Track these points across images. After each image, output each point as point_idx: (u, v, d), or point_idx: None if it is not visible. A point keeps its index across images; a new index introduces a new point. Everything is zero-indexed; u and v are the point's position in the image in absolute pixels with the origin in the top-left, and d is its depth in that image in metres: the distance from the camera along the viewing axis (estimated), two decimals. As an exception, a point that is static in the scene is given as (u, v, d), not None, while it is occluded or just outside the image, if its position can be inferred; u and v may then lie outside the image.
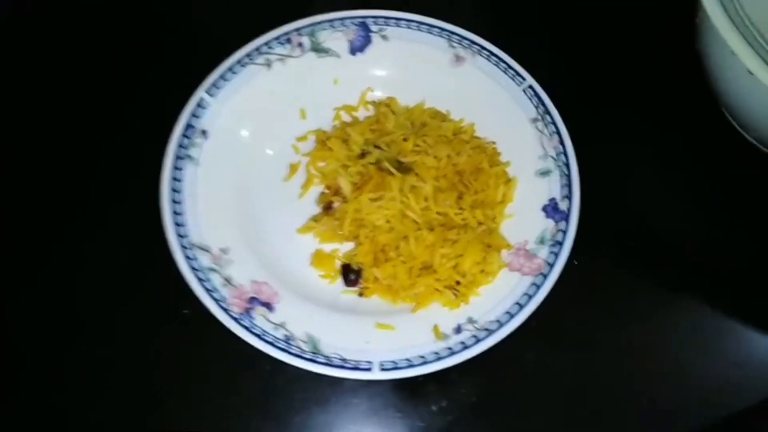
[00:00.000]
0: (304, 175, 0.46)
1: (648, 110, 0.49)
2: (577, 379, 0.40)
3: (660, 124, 0.49)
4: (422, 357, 0.36)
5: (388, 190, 0.42)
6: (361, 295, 0.41)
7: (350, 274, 0.42)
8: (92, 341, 0.39)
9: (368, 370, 0.35)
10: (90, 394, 0.38)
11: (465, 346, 0.36)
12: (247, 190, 0.43)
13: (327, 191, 0.45)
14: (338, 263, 0.42)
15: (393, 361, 0.36)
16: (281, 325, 0.37)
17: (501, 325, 0.37)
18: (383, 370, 0.36)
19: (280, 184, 0.45)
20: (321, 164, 0.45)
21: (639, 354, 0.41)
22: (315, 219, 0.44)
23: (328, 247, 0.43)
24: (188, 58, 0.47)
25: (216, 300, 0.37)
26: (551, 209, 0.41)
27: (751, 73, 0.37)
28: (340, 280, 0.42)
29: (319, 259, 0.42)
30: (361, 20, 0.47)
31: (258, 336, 0.36)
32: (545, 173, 0.43)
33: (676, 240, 0.45)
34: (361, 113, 0.48)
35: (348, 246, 0.43)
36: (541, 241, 0.40)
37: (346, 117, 0.48)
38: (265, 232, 0.42)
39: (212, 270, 0.39)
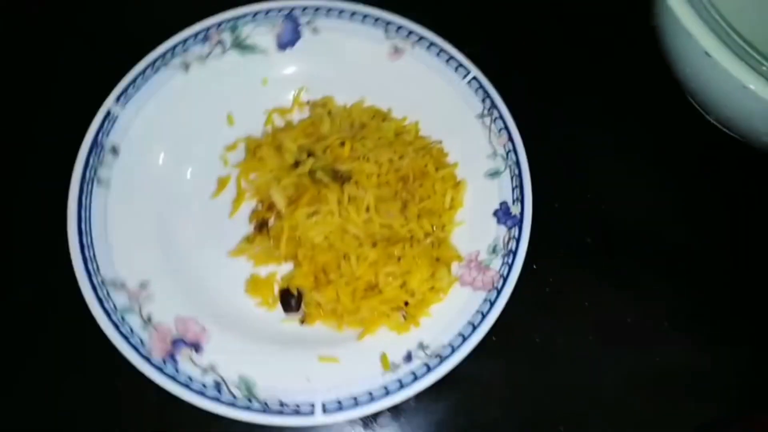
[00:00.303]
0: (234, 189, 0.41)
1: (604, 96, 0.46)
2: (540, 395, 0.38)
3: (617, 111, 0.46)
4: (369, 393, 0.33)
5: (325, 203, 0.38)
6: (302, 322, 0.37)
7: (290, 300, 0.38)
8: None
9: (310, 414, 0.32)
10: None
11: (415, 378, 0.33)
12: (167, 211, 0.39)
13: (260, 207, 0.41)
14: (276, 288, 0.38)
15: (337, 401, 0.32)
16: (210, 369, 0.33)
17: (453, 349, 0.34)
18: (326, 412, 0.32)
19: (207, 202, 0.40)
20: (252, 176, 0.41)
21: (606, 362, 0.39)
22: (248, 239, 0.39)
23: (264, 271, 0.39)
24: (94, 64, 0.42)
25: (134, 346, 0.33)
26: (503, 214, 0.38)
27: (709, 55, 0.34)
28: (278, 308, 0.38)
29: (254, 284, 0.38)
30: (288, 11, 0.43)
31: (184, 385, 0.32)
32: (495, 174, 0.40)
33: (640, 234, 0.43)
34: (296, 115, 0.44)
35: (287, 268, 0.39)
36: (494, 251, 0.37)
37: (278, 121, 0.43)
38: (191, 259, 0.38)
39: (129, 310, 0.34)
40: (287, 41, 0.43)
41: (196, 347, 0.34)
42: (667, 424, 0.38)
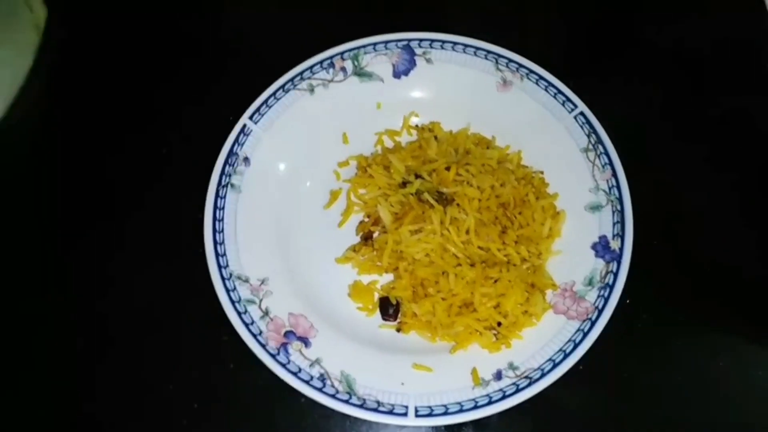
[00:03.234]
0: (344, 202, 0.45)
1: (712, 143, 0.46)
2: (620, 428, 0.38)
3: (724, 157, 0.45)
4: (459, 404, 0.35)
5: (429, 222, 0.41)
6: (398, 330, 0.40)
7: (388, 308, 0.41)
8: (124, 365, 0.40)
9: (403, 415, 0.35)
10: (124, 416, 0.39)
11: (504, 395, 0.35)
12: (286, 217, 0.43)
13: (367, 220, 0.44)
14: (376, 296, 0.42)
15: (429, 407, 0.35)
16: (317, 362, 0.37)
17: (543, 374, 0.35)
18: (418, 416, 0.35)
19: (320, 212, 0.44)
20: (362, 191, 0.45)
21: (695, 401, 0.39)
22: (354, 249, 0.43)
23: (366, 279, 0.42)
24: (232, 84, 0.47)
25: (253, 334, 0.37)
26: (601, 247, 0.39)
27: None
28: (377, 314, 0.41)
29: (357, 290, 0.42)
30: (405, 43, 0.46)
31: (294, 374, 0.36)
32: (596, 208, 0.41)
33: (738, 279, 0.42)
34: (404, 138, 0.47)
35: (387, 278, 0.42)
36: (590, 283, 0.38)
37: (388, 142, 0.47)
38: (303, 262, 0.42)
39: (251, 302, 0.39)
40: (403, 70, 0.47)
41: (305, 341, 0.38)
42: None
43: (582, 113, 0.43)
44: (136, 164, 0.46)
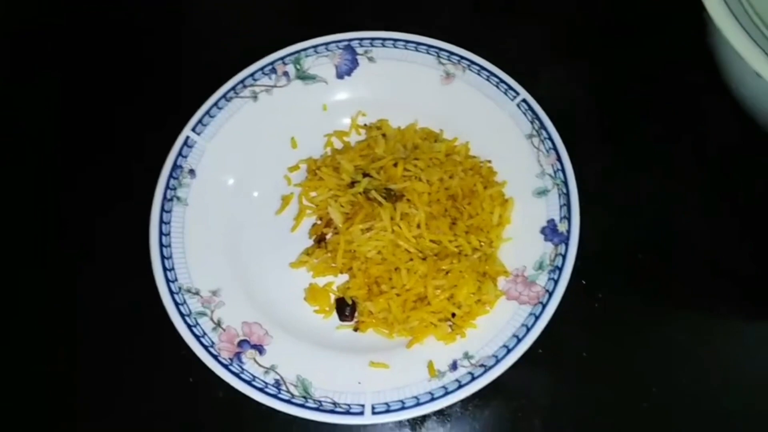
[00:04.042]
0: (296, 206, 0.45)
1: (657, 117, 0.46)
2: (583, 408, 0.38)
3: (670, 131, 0.46)
4: (416, 398, 0.35)
5: (378, 220, 0.41)
6: (356, 329, 0.40)
7: (345, 308, 0.41)
8: (82, 385, 0.39)
9: (360, 414, 0.34)
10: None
11: (460, 385, 0.35)
12: (237, 226, 0.43)
13: (319, 222, 0.44)
14: (333, 297, 0.41)
15: (385, 403, 0.35)
16: (272, 369, 0.37)
17: (498, 360, 0.35)
18: (375, 413, 0.34)
19: (272, 218, 0.44)
20: (313, 194, 0.45)
21: (656, 379, 0.39)
22: (307, 252, 0.43)
23: (321, 281, 0.42)
24: (169, 94, 0.47)
25: (205, 346, 0.37)
26: (550, 231, 0.39)
27: (760, 76, 0.34)
28: (334, 315, 0.41)
29: (312, 293, 0.41)
30: (346, 43, 0.46)
31: (248, 383, 0.36)
32: (543, 193, 0.41)
33: (692, 253, 0.42)
34: (353, 138, 0.47)
35: (343, 279, 0.42)
36: (540, 267, 0.38)
37: (337, 143, 0.47)
38: (256, 270, 0.42)
39: (202, 314, 0.38)
40: (346, 70, 0.47)
41: (260, 349, 0.38)
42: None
43: (524, 100, 0.43)
44: (86, 189, 0.45)
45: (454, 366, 0.36)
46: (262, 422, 0.37)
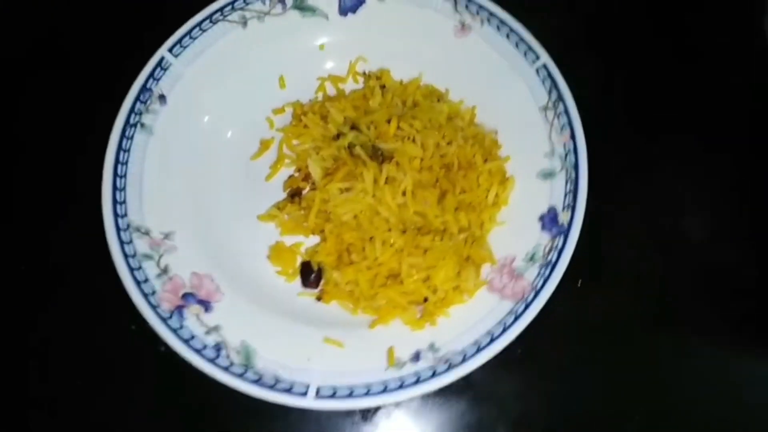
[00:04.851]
0: (276, 154, 0.40)
1: (687, 113, 0.40)
2: (555, 422, 0.34)
3: (697, 129, 0.40)
4: (367, 386, 0.31)
5: (360, 180, 0.36)
6: (318, 299, 0.36)
7: (310, 274, 0.36)
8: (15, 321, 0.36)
9: (302, 395, 0.31)
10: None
11: (418, 380, 0.31)
12: (206, 166, 0.39)
13: (297, 175, 0.39)
14: (299, 260, 0.37)
15: (333, 387, 0.31)
16: (215, 329, 0.33)
17: (465, 358, 0.31)
18: (319, 397, 0.30)
19: (246, 163, 0.40)
20: (295, 143, 0.40)
21: (641, 404, 0.35)
22: (279, 206, 0.38)
23: (290, 240, 0.38)
24: (149, 9, 0.42)
25: (144, 294, 0.33)
26: (549, 220, 0.34)
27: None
28: (298, 280, 0.37)
29: (277, 252, 0.37)
30: (354, -26, 0.40)
31: (184, 341, 0.32)
32: (549, 175, 0.36)
33: (700, 265, 0.37)
34: (350, 85, 0.42)
35: (314, 240, 0.38)
36: (532, 258, 0.34)
37: (331, 89, 0.42)
38: (219, 217, 0.38)
39: (148, 257, 0.34)
40: (350, 6, 0.41)
41: (206, 305, 0.34)
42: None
43: (545, 65, 0.37)
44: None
45: (416, 357, 0.32)
46: (204, 387, 0.33)
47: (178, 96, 0.39)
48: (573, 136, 0.35)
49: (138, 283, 0.33)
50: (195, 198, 0.37)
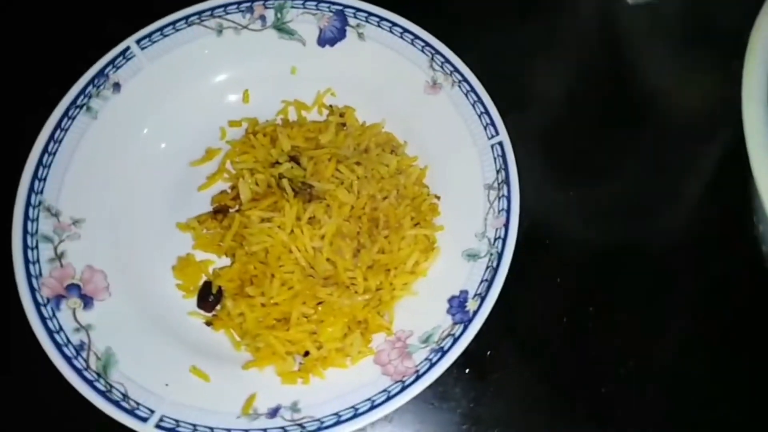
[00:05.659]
0: (217, 165, 0.39)
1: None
2: None
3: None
4: (210, 429, 0.29)
5: (281, 214, 0.34)
6: (209, 324, 0.35)
7: (207, 296, 0.35)
8: None
9: (144, 420, 0.29)
10: None
11: (261, 439, 0.29)
12: (139, 162, 0.38)
13: (229, 192, 0.38)
14: (204, 278, 0.36)
15: (175, 421, 0.29)
16: (85, 329, 0.32)
17: (320, 428, 0.29)
18: (159, 427, 0.29)
19: (184, 168, 0.39)
20: (238, 159, 0.39)
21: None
22: (200, 219, 0.37)
23: (201, 256, 0.36)
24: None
25: (29, 275, 0.32)
26: (457, 304, 0.32)
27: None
28: (195, 299, 0.35)
29: (184, 265, 0.36)
30: (339, 8, 0.40)
31: (48, 332, 0.31)
32: (472, 257, 0.34)
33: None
34: (313, 115, 0.41)
35: (224, 262, 0.36)
36: (426, 341, 0.31)
37: (293, 114, 0.41)
38: (136, 214, 0.37)
39: (47, 239, 0.34)
40: (329, 38, 0.40)
41: (87, 302, 0.33)
42: None
43: (501, 144, 0.35)
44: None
45: (274, 413, 0.30)
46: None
47: (134, 88, 0.38)
48: (507, 224, 0.33)
49: (27, 262, 0.32)
50: (118, 191, 0.37)
